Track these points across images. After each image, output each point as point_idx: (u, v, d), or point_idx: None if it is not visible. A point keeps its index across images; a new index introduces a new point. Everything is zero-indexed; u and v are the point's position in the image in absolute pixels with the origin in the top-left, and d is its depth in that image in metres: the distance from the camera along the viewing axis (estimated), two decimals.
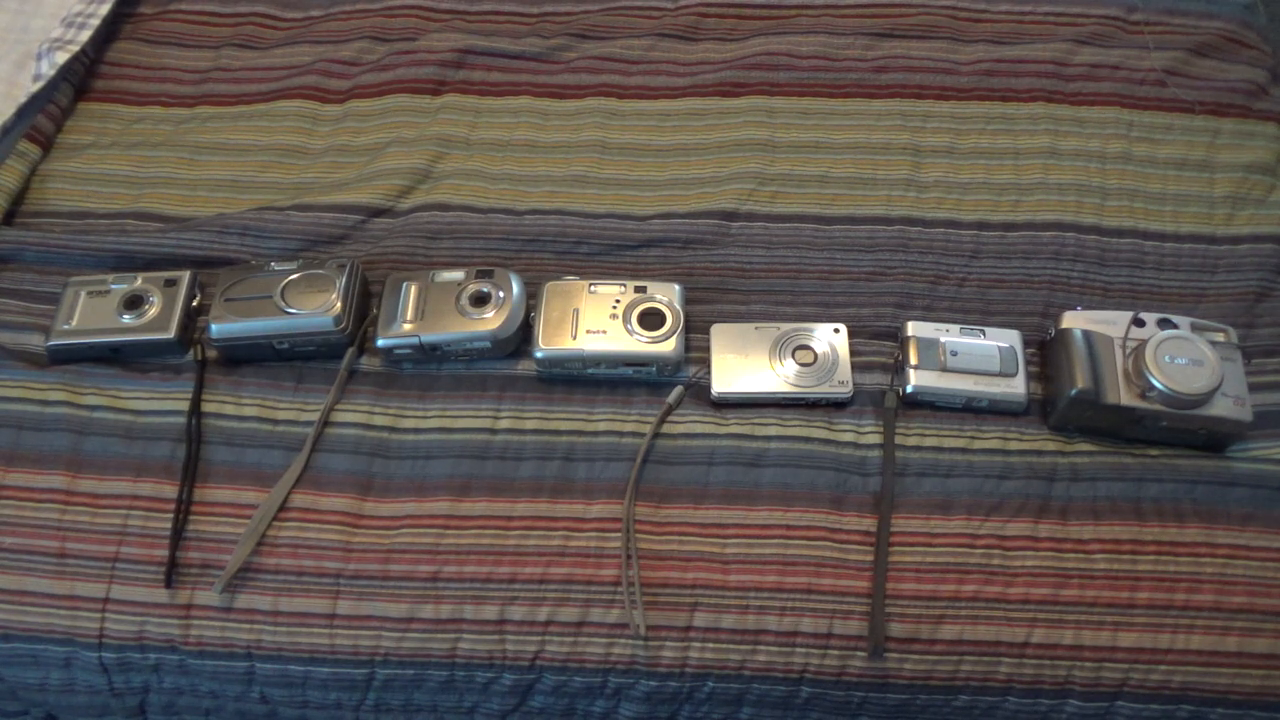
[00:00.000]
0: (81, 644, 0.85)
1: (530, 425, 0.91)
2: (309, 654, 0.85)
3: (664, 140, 1.11)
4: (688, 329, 0.94)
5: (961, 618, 0.83)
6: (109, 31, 1.22)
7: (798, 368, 0.92)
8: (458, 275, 0.95)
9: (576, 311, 0.93)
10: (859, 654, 0.83)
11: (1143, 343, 0.87)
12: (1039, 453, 0.89)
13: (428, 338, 0.92)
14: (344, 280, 0.94)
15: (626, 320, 0.92)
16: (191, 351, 0.96)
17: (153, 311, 0.95)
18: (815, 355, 0.92)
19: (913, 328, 0.93)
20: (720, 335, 0.94)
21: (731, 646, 0.83)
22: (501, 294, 0.94)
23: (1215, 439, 0.88)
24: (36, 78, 1.13)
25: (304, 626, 0.85)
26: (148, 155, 1.11)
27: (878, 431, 0.90)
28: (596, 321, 0.92)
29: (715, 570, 0.84)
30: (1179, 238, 1.03)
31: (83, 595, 0.85)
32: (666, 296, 0.94)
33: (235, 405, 0.92)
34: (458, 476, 0.88)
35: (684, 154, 1.10)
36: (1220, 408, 0.86)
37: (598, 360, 0.92)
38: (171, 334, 0.94)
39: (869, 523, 0.86)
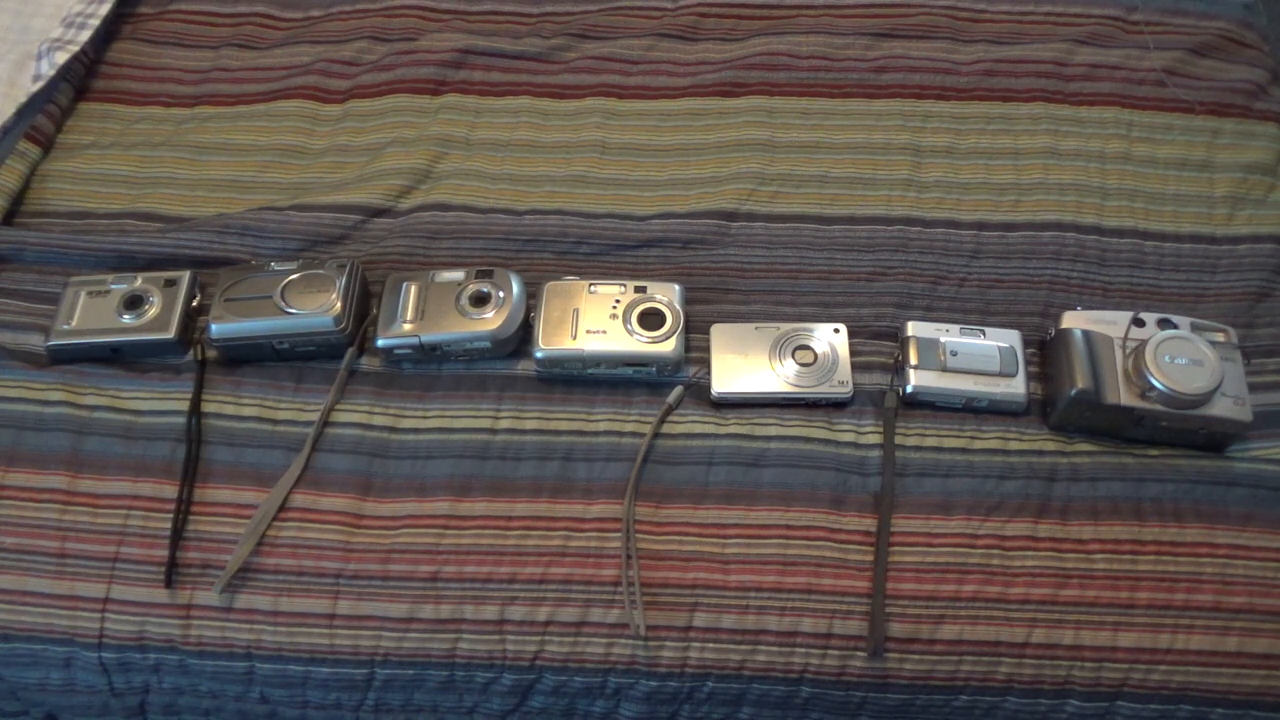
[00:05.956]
0: (81, 644, 0.85)
1: (530, 425, 0.91)
2: (309, 654, 0.85)
3: (664, 140, 1.11)
4: (688, 329, 0.94)
5: (961, 618, 0.83)
6: (109, 31, 1.22)
7: (798, 368, 0.92)
8: (458, 275, 0.95)
9: (576, 311, 0.93)
10: (859, 654, 0.83)
11: (1143, 343, 0.87)
12: (1039, 453, 0.89)
13: (428, 338, 0.92)
14: (344, 280, 0.94)
15: (626, 320, 0.92)
16: (191, 351, 0.96)
17: (153, 311, 0.95)
18: (815, 355, 0.92)
19: (913, 328, 0.93)
20: (720, 335, 0.94)
21: (731, 646, 0.83)
22: (501, 294, 0.94)
23: (1215, 439, 0.88)
24: (36, 78, 1.13)
25: (304, 626, 0.85)
26: (148, 155, 1.11)
27: (878, 431, 0.90)
28: (596, 321, 0.92)
29: (715, 570, 0.84)
30: (1179, 238, 1.03)
31: (83, 595, 0.85)
32: (666, 296, 0.94)
33: (235, 405, 0.92)
34: (458, 476, 0.88)
35: (684, 154, 1.10)
36: (1220, 408, 0.86)
37: (598, 360, 0.92)
38: (171, 334, 0.94)
39: (869, 523, 0.86)
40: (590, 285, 0.95)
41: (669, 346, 0.91)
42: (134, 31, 1.24)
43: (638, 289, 0.94)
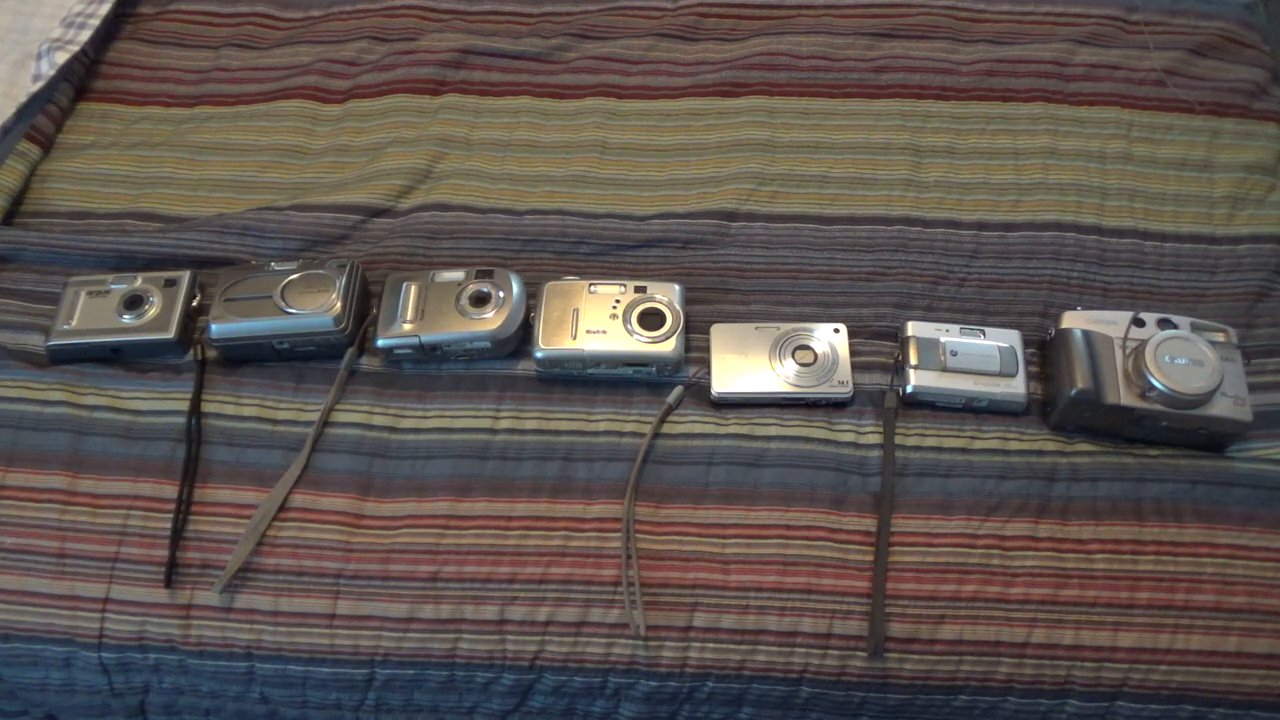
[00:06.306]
0: (81, 644, 0.85)
1: (530, 425, 0.91)
2: (309, 654, 0.85)
3: (664, 140, 1.11)
4: (688, 329, 0.94)
5: (961, 618, 0.83)
6: (109, 31, 1.22)
7: (798, 368, 0.92)
8: (458, 275, 0.95)
9: (576, 311, 0.93)
10: (859, 654, 0.83)
11: (1143, 343, 0.87)
12: (1039, 453, 0.89)
13: (428, 338, 0.92)
14: (344, 280, 0.94)
15: (626, 320, 0.92)
16: (191, 351, 0.96)
17: (153, 311, 0.95)
18: (815, 355, 0.92)
19: (913, 328, 0.93)
20: (720, 335, 0.94)
21: (731, 646, 0.83)
22: (501, 294, 0.94)
23: (1215, 439, 0.88)
24: (36, 78, 1.13)
25: (304, 626, 0.85)
26: (148, 155, 1.11)
27: (878, 431, 0.90)
28: (596, 321, 0.92)
29: (715, 570, 0.84)
30: (1179, 238, 1.03)
31: (83, 595, 0.85)
32: (666, 296, 0.94)
33: (235, 405, 0.92)
34: (458, 476, 0.88)
35: (684, 154, 1.10)
36: (1220, 408, 0.86)
37: (598, 360, 0.92)
38: (171, 334, 0.94)
39: (869, 523, 0.86)
40: (590, 285, 0.95)
41: (669, 346, 0.91)
42: (134, 31, 1.24)
43: (638, 289, 0.94)
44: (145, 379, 0.94)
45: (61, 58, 1.13)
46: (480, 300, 0.94)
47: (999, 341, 0.92)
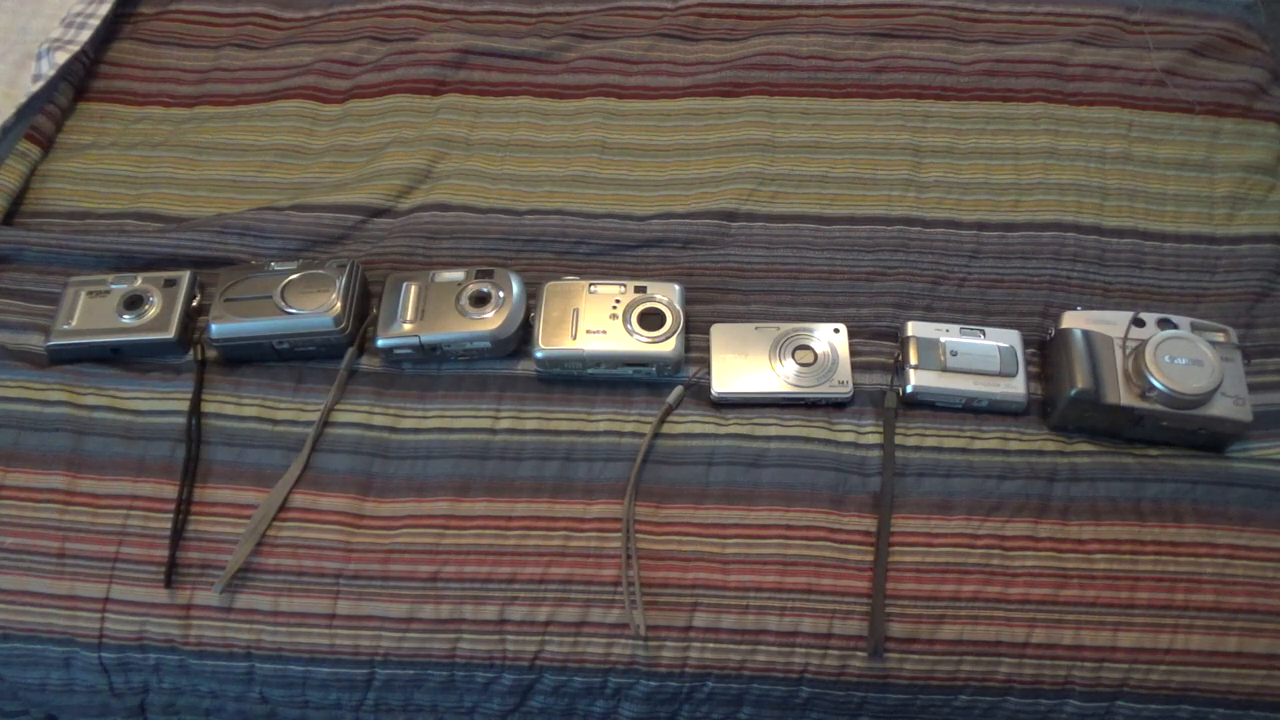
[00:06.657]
0: (81, 644, 0.85)
1: (530, 425, 0.91)
2: (309, 654, 0.85)
3: (664, 140, 1.11)
4: (688, 329, 0.94)
5: (961, 618, 0.83)
6: (109, 31, 1.22)
7: (798, 368, 0.92)
8: (458, 275, 0.95)
9: (576, 311, 0.93)
10: (859, 654, 0.83)
11: (1143, 343, 0.87)
12: (1039, 453, 0.89)
13: (428, 338, 0.92)
14: (344, 280, 0.94)
15: (626, 320, 0.92)
16: (191, 351, 0.96)
17: (153, 311, 0.95)
18: (815, 355, 0.92)
19: (913, 328, 0.93)
20: (720, 335, 0.94)
21: (731, 646, 0.83)
22: (501, 294, 0.94)
23: (1215, 439, 0.88)
24: (36, 78, 1.13)
25: (304, 626, 0.85)
26: (148, 155, 1.11)
27: (878, 431, 0.90)
28: (596, 321, 0.92)
29: (715, 570, 0.84)
30: (1179, 238, 1.03)
31: (83, 595, 0.85)
32: (666, 296, 0.94)
33: (235, 405, 0.92)
34: (458, 476, 0.88)
35: (684, 154, 1.10)
36: (1220, 408, 0.86)
37: (598, 360, 0.92)
38: (171, 334, 0.94)
39: (869, 523, 0.86)
40: (590, 285, 0.95)
41: (669, 346, 0.91)
42: (134, 31, 1.24)
43: (638, 289, 0.94)
44: (145, 379, 0.94)
45: (61, 58, 1.13)
46: (480, 300, 0.94)
47: (999, 341, 0.92)
